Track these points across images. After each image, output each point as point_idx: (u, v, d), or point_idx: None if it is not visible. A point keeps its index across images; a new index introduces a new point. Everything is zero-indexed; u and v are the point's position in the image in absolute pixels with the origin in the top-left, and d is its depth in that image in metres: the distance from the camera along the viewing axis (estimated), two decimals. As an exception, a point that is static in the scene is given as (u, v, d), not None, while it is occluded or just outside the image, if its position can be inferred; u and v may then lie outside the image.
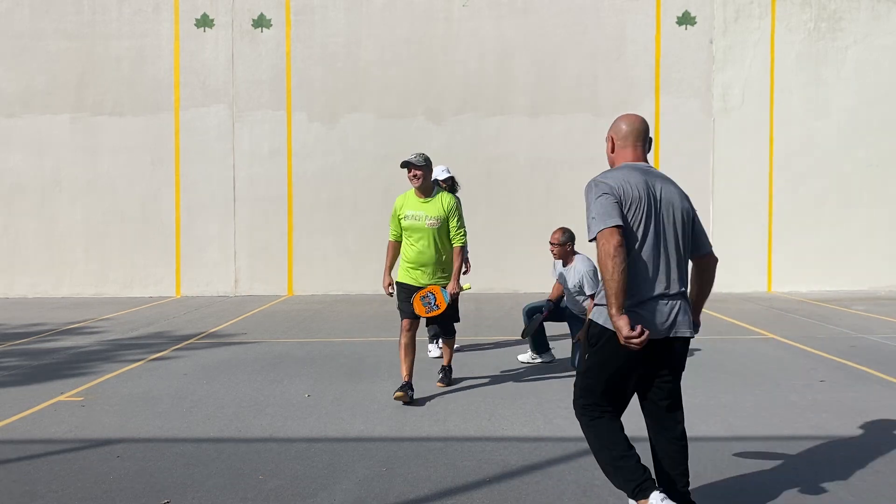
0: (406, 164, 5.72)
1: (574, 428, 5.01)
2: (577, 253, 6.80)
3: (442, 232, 5.77)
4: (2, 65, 13.95)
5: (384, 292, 5.93)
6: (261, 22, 13.81)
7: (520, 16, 13.73)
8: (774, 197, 13.53)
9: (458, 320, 6.11)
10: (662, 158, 13.42)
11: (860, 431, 4.88)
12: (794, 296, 12.78)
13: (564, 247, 6.73)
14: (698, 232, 3.33)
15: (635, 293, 3.12)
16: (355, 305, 11.95)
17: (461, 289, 5.89)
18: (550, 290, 7.07)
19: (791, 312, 10.61)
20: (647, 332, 3.02)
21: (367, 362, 7.24)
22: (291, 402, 5.76)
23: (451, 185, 7.76)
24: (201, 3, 13.84)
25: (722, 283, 13.26)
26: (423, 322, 6.20)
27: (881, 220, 13.45)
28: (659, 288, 3.16)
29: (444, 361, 6.26)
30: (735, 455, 4.39)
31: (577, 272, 6.64)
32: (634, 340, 2.98)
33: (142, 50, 13.86)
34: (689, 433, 4.88)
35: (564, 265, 6.79)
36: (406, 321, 5.84)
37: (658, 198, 3.19)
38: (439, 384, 6.10)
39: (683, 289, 3.25)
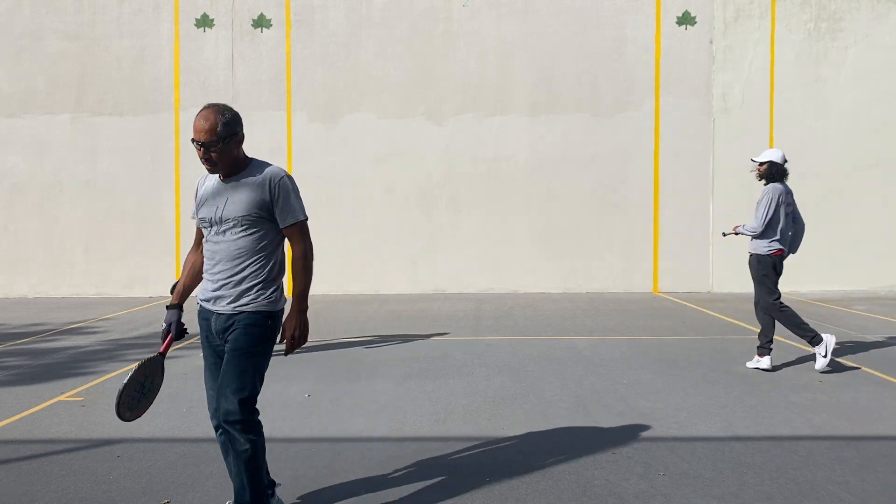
0: None
1: (574, 428, 5.02)
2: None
3: None
4: (2, 65, 13.95)
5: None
6: (261, 22, 13.81)
7: (520, 16, 13.73)
8: (774, 197, 13.50)
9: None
10: (662, 158, 13.41)
11: (860, 431, 4.88)
12: (794, 296, 12.78)
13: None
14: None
15: None
16: (355, 305, 11.94)
17: None
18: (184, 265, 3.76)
19: (791, 312, 10.60)
20: None
21: (367, 362, 7.24)
22: (291, 402, 5.76)
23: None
24: (201, 3, 13.84)
25: (721, 282, 13.51)
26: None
27: (881, 220, 13.45)
28: None
29: None
30: (735, 455, 4.40)
31: (262, 182, 3.45)
32: None
33: (142, 50, 13.86)
34: (688, 433, 4.93)
35: (236, 175, 3.47)
36: None
37: None
38: None
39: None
